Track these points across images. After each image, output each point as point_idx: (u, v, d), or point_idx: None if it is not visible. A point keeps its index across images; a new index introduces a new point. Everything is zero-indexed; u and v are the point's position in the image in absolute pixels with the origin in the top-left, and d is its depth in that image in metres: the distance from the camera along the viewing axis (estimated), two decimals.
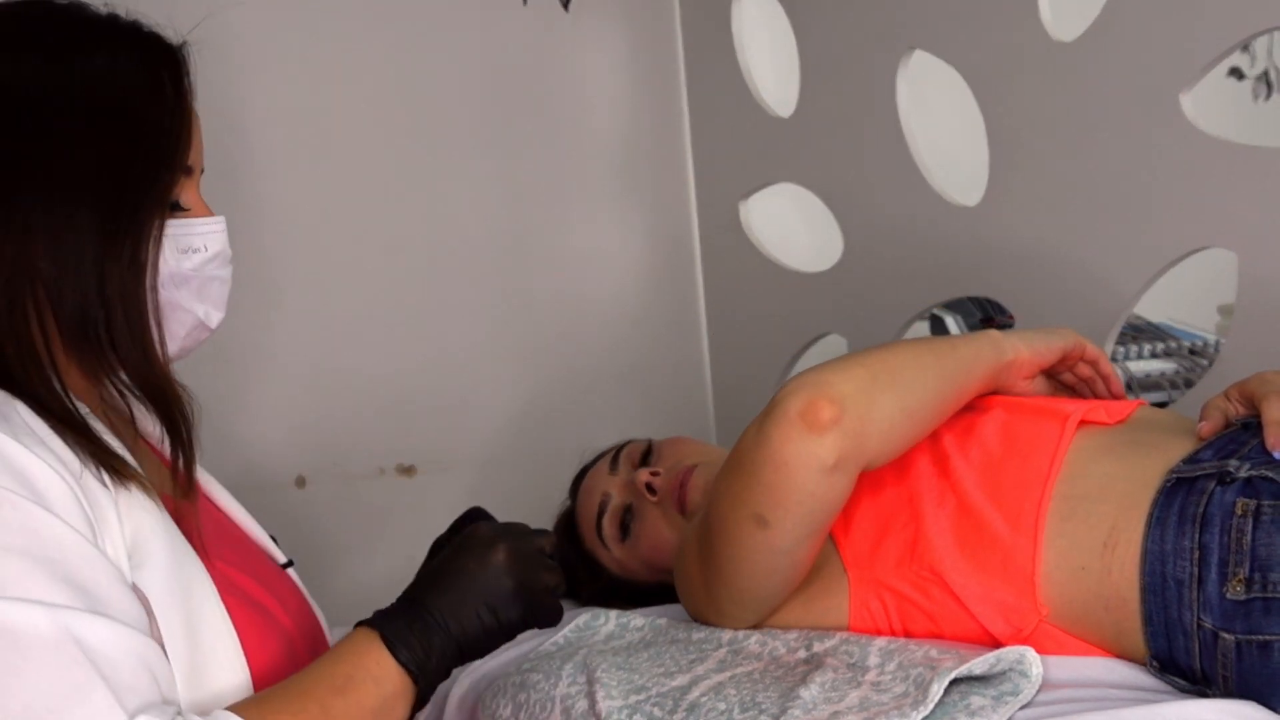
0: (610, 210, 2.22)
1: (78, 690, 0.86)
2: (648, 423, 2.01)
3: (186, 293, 1.06)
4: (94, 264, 0.97)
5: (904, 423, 1.23)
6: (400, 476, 1.99)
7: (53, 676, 0.85)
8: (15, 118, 0.96)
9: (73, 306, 0.97)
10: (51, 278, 0.96)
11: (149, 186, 1.00)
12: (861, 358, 1.25)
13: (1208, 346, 2.24)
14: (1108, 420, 1.28)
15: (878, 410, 1.19)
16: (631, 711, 1.17)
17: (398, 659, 1.01)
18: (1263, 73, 3.09)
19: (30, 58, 0.98)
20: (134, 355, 1.00)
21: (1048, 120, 1.68)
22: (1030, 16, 1.66)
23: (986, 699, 1.08)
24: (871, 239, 1.94)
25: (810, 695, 1.13)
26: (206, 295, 1.08)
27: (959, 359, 1.30)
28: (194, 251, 1.05)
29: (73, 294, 0.96)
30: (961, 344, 1.32)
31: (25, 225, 0.95)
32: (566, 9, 2.14)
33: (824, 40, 1.96)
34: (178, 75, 1.03)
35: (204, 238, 1.06)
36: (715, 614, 1.31)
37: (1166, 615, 1.11)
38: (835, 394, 1.17)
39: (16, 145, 0.96)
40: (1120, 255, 1.62)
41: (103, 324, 0.97)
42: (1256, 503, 1.08)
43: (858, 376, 1.20)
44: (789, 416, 1.17)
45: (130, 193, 0.99)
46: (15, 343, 0.96)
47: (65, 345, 0.98)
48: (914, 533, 1.25)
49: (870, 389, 1.20)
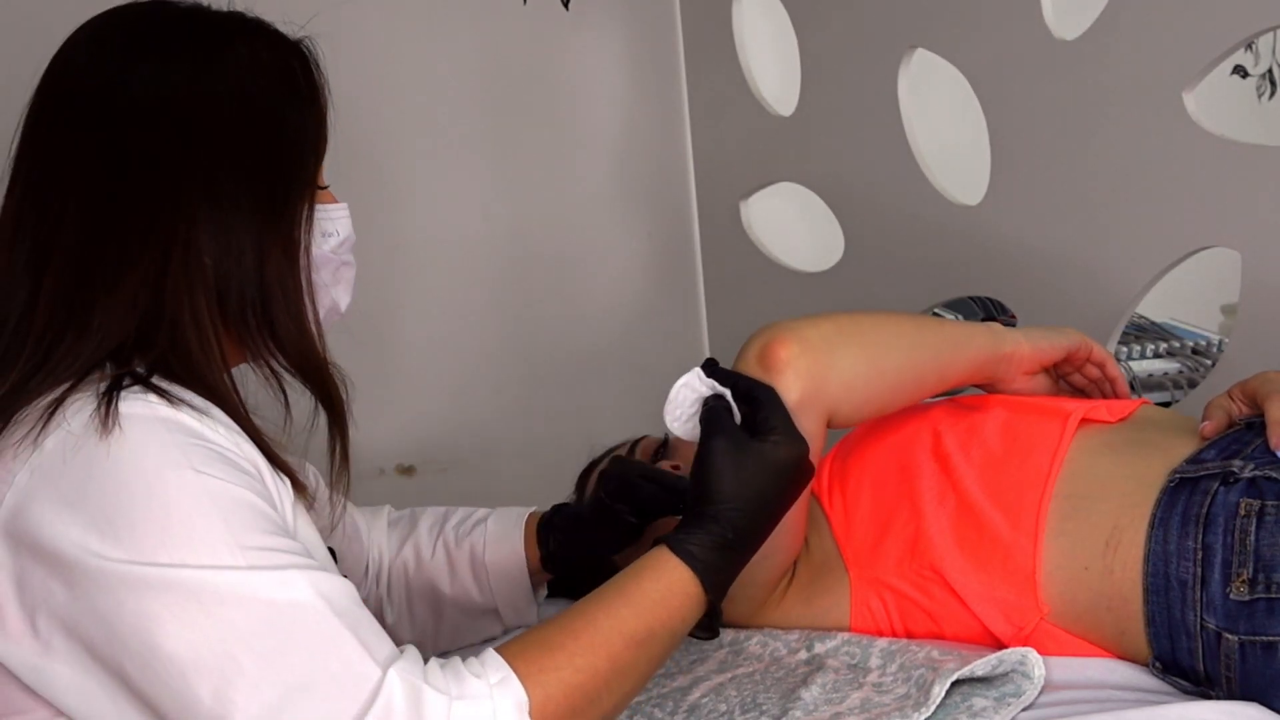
0: (610, 210, 2.22)
1: (333, 644, 0.88)
2: (647, 422, 2.00)
3: (325, 275, 1.10)
4: (254, 248, 1.01)
5: (873, 379, 1.23)
6: (400, 476, 1.99)
7: (309, 634, 0.88)
8: (171, 120, 1.00)
9: (235, 290, 1.00)
10: (217, 263, 1.00)
11: (298, 172, 1.05)
12: (834, 314, 1.26)
13: (1211, 346, 2.24)
14: (1109, 419, 1.27)
15: (840, 358, 1.20)
16: (632, 712, 1.17)
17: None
18: (1266, 71, 3.08)
19: (177, 63, 1.02)
20: (292, 335, 1.03)
21: (1050, 119, 1.67)
22: (1032, 15, 1.66)
23: (988, 700, 1.08)
24: (872, 238, 1.94)
25: (811, 696, 1.13)
26: (340, 279, 1.12)
27: (946, 335, 1.30)
28: (330, 235, 1.10)
29: (236, 278, 1.00)
30: (954, 325, 1.32)
31: (192, 217, 0.99)
32: (566, 8, 2.14)
33: (825, 39, 1.96)
34: (307, 66, 1.08)
35: (335, 222, 1.11)
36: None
37: (1169, 616, 1.10)
38: (793, 336, 1.19)
39: (175, 144, 1.00)
40: (1123, 254, 1.62)
41: (262, 305, 1.01)
42: (1260, 503, 1.08)
43: (822, 325, 1.22)
44: (747, 358, 1.19)
45: (282, 179, 1.04)
46: (197, 333, 0.99)
47: (227, 332, 1.02)
48: (915, 531, 1.24)
49: (833, 337, 1.21)
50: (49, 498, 0.90)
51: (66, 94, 1.02)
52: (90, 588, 0.88)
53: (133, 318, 0.97)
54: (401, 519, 1.43)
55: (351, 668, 0.88)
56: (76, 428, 0.91)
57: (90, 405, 0.92)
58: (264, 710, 0.85)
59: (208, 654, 0.86)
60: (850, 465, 1.33)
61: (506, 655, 0.94)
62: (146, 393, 0.93)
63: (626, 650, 0.97)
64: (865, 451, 1.33)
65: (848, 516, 1.29)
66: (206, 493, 0.90)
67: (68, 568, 0.88)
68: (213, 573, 0.88)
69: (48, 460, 0.91)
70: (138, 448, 0.90)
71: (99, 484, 0.89)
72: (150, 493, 0.89)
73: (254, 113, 1.03)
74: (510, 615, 1.39)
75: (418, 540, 1.39)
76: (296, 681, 0.87)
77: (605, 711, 0.97)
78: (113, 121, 1.00)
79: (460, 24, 2.04)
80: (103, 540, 0.88)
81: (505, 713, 0.91)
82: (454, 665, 0.94)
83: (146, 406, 0.92)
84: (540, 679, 0.93)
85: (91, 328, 0.96)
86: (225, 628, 0.87)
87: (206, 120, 1.01)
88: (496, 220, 2.10)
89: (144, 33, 1.04)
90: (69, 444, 0.91)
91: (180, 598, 0.87)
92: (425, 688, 0.89)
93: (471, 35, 2.05)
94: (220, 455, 0.94)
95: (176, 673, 0.86)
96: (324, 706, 0.86)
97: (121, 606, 0.87)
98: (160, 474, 0.90)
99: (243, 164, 1.01)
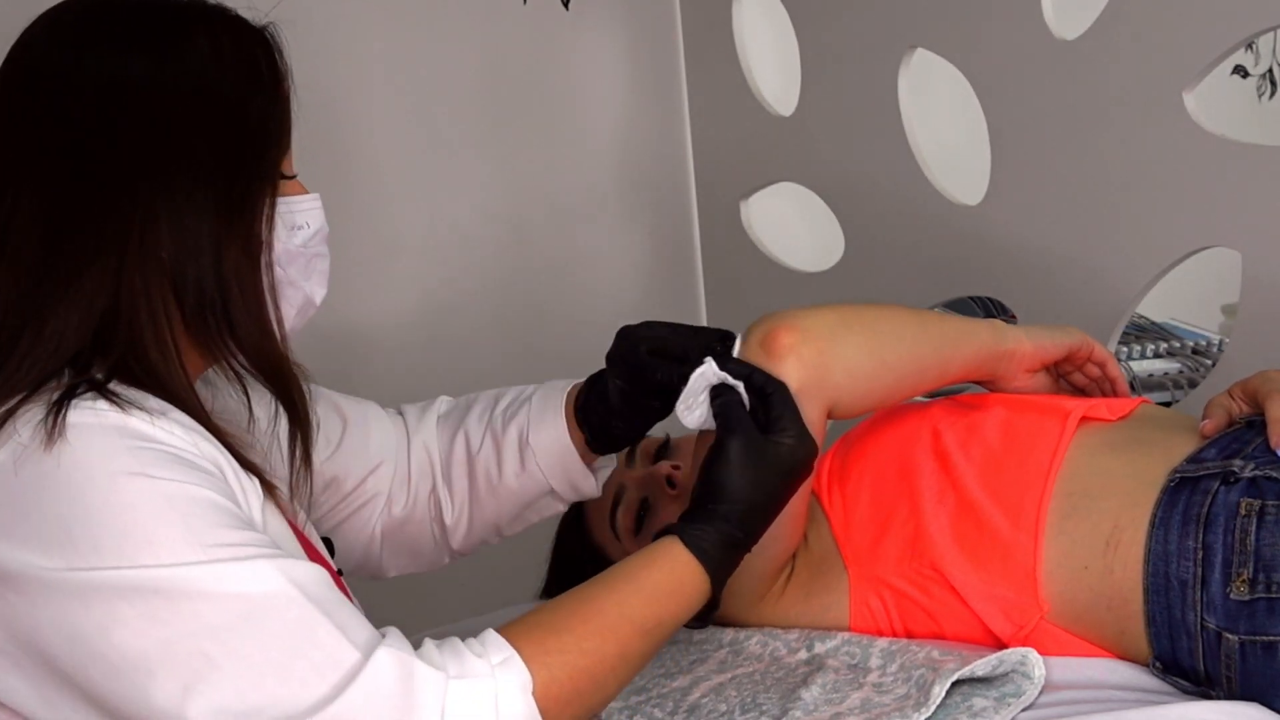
0: (610, 210, 2.22)
1: (307, 629, 0.87)
2: None
3: (295, 270, 1.07)
4: (212, 243, 0.98)
5: (875, 368, 1.23)
6: None
7: (283, 622, 0.87)
8: (131, 111, 0.98)
9: (194, 288, 0.98)
10: (174, 261, 0.97)
11: (258, 165, 1.02)
12: (838, 304, 1.26)
13: (1211, 346, 2.24)
14: (1109, 417, 1.27)
15: (842, 346, 1.20)
16: (632, 713, 1.17)
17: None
18: (1267, 71, 3.08)
19: (137, 53, 0.99)
20: (251, 333, 1.00)
21: (1050, 118, 1.67)
22: (1033, 14, 1.66)
23: (989, 700, 1.08)
24: (873, 238, 1.94)
25: (811, 696, 1.13)
26: (312, 272, 1.09)
27: (948, 329, 1.30)
28: (299, 229, 1.07)
29: (194, 274, 0.97)
30: (957, 320, 1.32)
31: (150, 212, 0.96)
32: (567, 8, 2.13)
33: (825, 38, 1.96)
34: (271, 56, 1.05)
35: (305, 214, 1.07)
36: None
37: (1170, 616, 1.10)
38: (796, 324, 1.19)
39: (134, 136, 0.97)
40: (1123, 254, 1.62)
41: (220, 303, 0.99)
42: (1261, 502, 1.08)
43: (825, 314, 1.22)
44: (750, 345, 1.19)
45: (242, 172, 1.01)
46: (153, 331, 0.97)
47: (185, 331, 0.99)
48: (914, 529, 1.24)
49: (836, 326, 1.21)
50: (2, 512, 0.88)
51: (19, 86, 0.99)
52: (51, 599, 0.86)
53: (90, 321, 0.95)
54: (455, 409, 1.37)
55: (327, 652, 0.87)
56: (25, 438, 0.89)
57: (39, 415, 0.90)
58: (237, 698, 0.84)
59: (178, 650, 0.85)
60: (850, 463, 1.33)
61: (509, 636, 0.94)
62: (96, 399, 0.91)
63: (635, 638, 0.97)
64: (865, 449, 1.33)
65: (847, 515, 1.29)
66: (162, 495, 0.88)
67: (25, 582, 0.87)
68: (176, 570, 0.86)
69: (0, 473, 0.89)
70: (87, 456, 0.88)
71: (52, 495, 0.88)
72: (104, 501, 0.87)
73: (213, 104, 1.00)
74: (568, 492, 1.33)
75: (467, 430, 1.33)
76: (271, 670, 0.85)
77: (606, 697, 0.98)
78: (66, 114, 0.97)
79: (460, 24, 2.04)
80: (60, 552, 0.86)
81: (508, 693, 0.90)
82: (452, 644, 0.93)
83: (94, 415, 0.90)
84: (545, 661, 0.93)
85: (47, 331, 0.94)
86: (195, 623, 0.86)
87: (164, 113, 0.98)
88: (496, 220, 2.09)
89: (100, 22, 1.01)
90: (19, 455, 0.89)
91: (145, 597, 0.86)
92: (418, 664, 0.88)
93: (471, 35, 2.05)
94: (175, 457, 0.92)
95: (144, 671, 0.85)
96: (299, 691, 0.85)
97: (85, 612, 0.86)
98: (113, 482, 0.88)
99: (201, 157, 0.99)
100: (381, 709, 0.86)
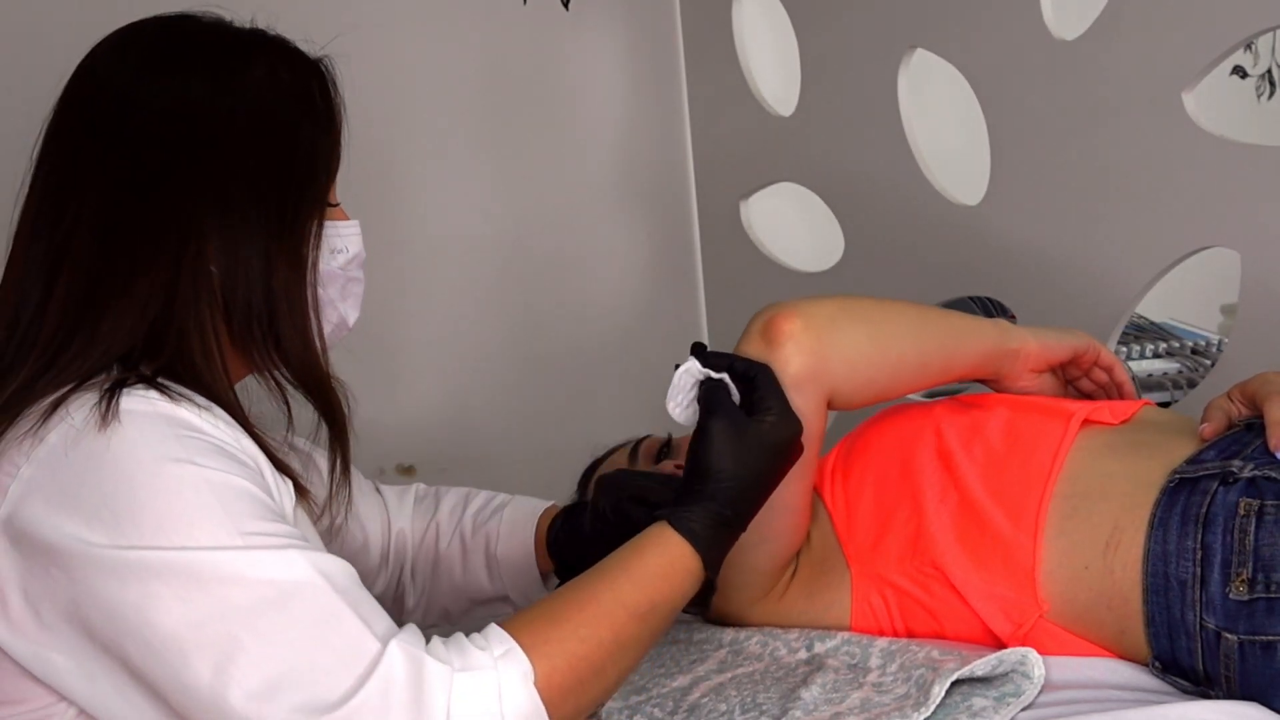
0: (610, 210, 2.22)
1: (334, 619, 0.90)
2: (648, 422, 2.00)
3: (333, 291, 1.12)
4: (262, 262, 1.03)
5: (876, 359, 1.23)
6: (400, 476, 1.99)
7: (310, 610, 0.90)
8: (189, 132, 1.02)
9: (242, 302, 1.03)
10: (223, 276, 1.02)
11: (309, 190, 1.07)
12: (840, 295, 1.27)
13: (1210, 346, 2.24)
14: (1111, 420, 1.27)
15: (842, 335, 1.21)
16: (632, 712, 1.17)
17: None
18: (1266, 71, 3.09)
19: (198, 78, 1.04)
20: (296, 348, 1.05)
21: (1049, 119, 1.67)
22: (1032, 15, 1.66)
23: (988, 700, 1.08)
24: (872, 238, 1.94)
25: (811, 696, 1.13)
26: (348, 294, 1.15)
27: (952, 324, 1.30)
28: (339, 252, 1.12)
29: (243, 290, 1.02)
30: (962, 317, 1.32)
31: (201, 229, 1.01)
32: (566, 8, 2.14)
33: (825, 39, 1.96)
34: (325, 87, 1.10)
35: (345, 239, 1.14)
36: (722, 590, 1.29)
37: (1169, 616, 1.10)
38: (796, 311, 1.20)
39: (190, 157, 1.02)
40: (1122, 255, 1.62)
41: (268, 318, 1.04)
42: (1260, 503, 1.08)
43: (827, 304, 1.23)
44: (751, 333, 1.20)
45: (293, 197, 1.06)
46: (200, 339, 1.01)
47: (231, 343, 1.04)
48: (916, 528, 1.24)
49: (836, 314, 1.22)
50: (51, 489, 0.92)
51: (87, 103, 1.04)
52: (92, 574, 0.89)
53: (142, 325, 1.00)
54: (427, 497, 1.44)
55: (352, 642, 0.90)
56: (78, 421, 0.93)
57: (93, 400, 0.94)
58: (264, 684, 0.87)
59: (209, 632, 0.88)
60: (853, 462, 1.33)
61: (510, 629, 0.96)
62: (148, 390, 0.95)
63: (629, 623, 0.99)
64: (867, 448, 1.33)
65: (850, 513, 1.30)
66: (205, 482, 0.92)
67: (69, 557, 0.90)
68: (212, 553, 0.90)
69: (50, 452, 0.93)
70: (137, 441, 0.92)
71: (98, 475, 0.91)
72: (149, 483, 0.91)
73: (269, 131, 1.05)
74: (522, 602, 1.39)
75: (438, 524, 1.41)
76: (297, 656, 0.88)
77: (607, 684, 0.99)
78: (129, 132, 1.02)
79: (460, 24, 2.04)
80: (104, 529, 0.90)
81: (511, 684, 0.92)
82: (457, 639, 0.95)
83: (147, 402, 0.94)
84: (545, 650, 0.95)
85: (100, 332, 0.99)
86: (225, 606, 0.89)
87: (222, 136, 1.03)
88: (497, 220, 2.10)
89: (165, 46, 1.06)
90: (70, 437, 0.93)
91: (181, 578, 0.89)
92: (427, 659, 0.91)
93: (472, 36, 2.05)
94: (219, 448, 0.95)
95: (177, 651, 0.88)
96: (324, 680, 0.88)
97: (123, 590, 0.89)
98: (159, 465, 0.92)
99: (255, 181, 1.03)
100: (394, 702, 0.88)
